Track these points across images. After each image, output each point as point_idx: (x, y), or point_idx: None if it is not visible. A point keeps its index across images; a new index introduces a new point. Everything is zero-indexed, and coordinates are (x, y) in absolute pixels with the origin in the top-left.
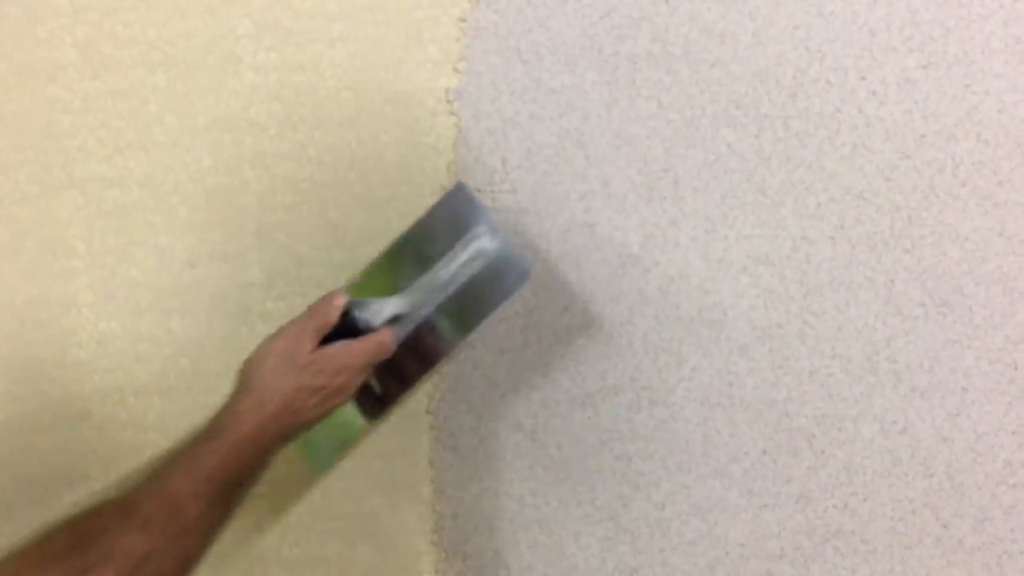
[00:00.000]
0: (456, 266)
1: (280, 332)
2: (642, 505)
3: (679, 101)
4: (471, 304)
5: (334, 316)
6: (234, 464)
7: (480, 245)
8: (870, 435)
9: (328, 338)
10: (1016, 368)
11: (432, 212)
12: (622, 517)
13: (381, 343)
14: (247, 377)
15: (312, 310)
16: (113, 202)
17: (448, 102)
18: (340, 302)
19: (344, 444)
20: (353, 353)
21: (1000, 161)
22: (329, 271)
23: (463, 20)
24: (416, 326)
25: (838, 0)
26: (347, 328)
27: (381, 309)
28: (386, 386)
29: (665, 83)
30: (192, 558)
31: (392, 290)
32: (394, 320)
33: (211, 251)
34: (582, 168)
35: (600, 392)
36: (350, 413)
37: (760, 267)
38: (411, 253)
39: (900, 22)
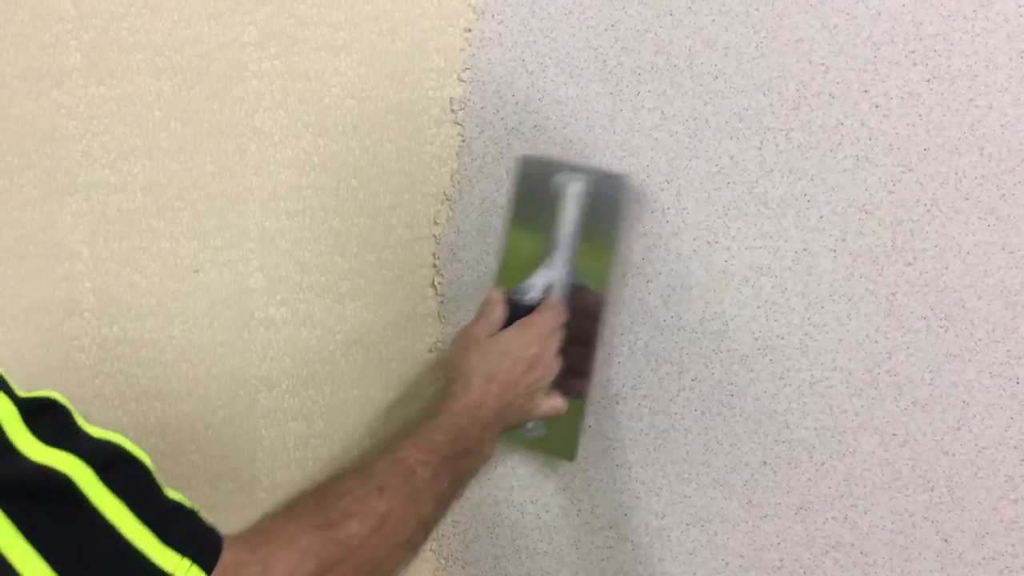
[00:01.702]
0: (566, 218)
1: (461, 334)
2: (642, 514)
3: (682, 113)
4: (597, 243)
5: (498, 308)
6: (455, 436)
7: (573, 189)
8: (870, 447)
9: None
10: (1018, 382)
11: (517, 191)
12: (622, 526)
13: (551, 307)
14: (449, 367)
15: (479, 312)
16: (117, 207)
17: (452, 111)
18: (499, 296)
19: (576, 426)
20: (534, 322)
21: (1003, 175)
22: (332, 278)
23: (468, 30)
24: (570, 288)
25: (842, 13)
26: (514, 315)
27: (533, 285)
28: (574, 360)
29: (668, 95)
30: (427, 521)
31: (529, 270)
32: (548, 291)
33: (214, 257)
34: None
35: (601, 401)
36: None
37: (762, 278)
38: (524, 231)
39: (904, 36)
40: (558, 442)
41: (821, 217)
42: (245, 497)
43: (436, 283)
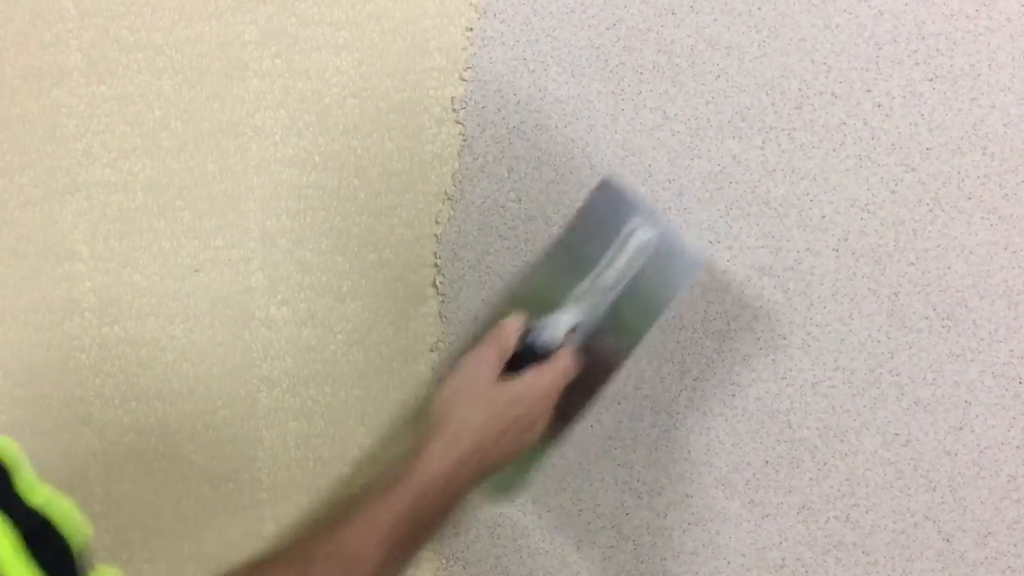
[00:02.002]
0: (620, 265)
1: (462, 365)
2: (644, 514)
3: (684, 112)
4: (640, 304)
5: (512, 342)
6: (421, 513)
7: (641, 239)
8: (873, 447)
9: (508, 363)
10: (1020, 382)
11: (584, 211)
12: (624, 525)
13: (566, 367)
14: (434, 416)
15: (490, 338)
16: (117, 207)
17: (454, 111)
18: (515, 327)
19: (529, 469)
20: (542, 381)
21: (1006, 174)
22: (333, 277)
23: (470, 29)
24: (596, 334)
25: (844, 13)
26: (526, 351)
27: (556, 326)
28: (567, 406)
29: (671, 94)
30: None
31: (558, 300)
32: (571, 334)
33: (214, 256)
34: (587, 178)
35: (602, 400)
36: None
37: (764, 278)
38: (569, 257)
39: (906, 35)
40: (504, 482)
41: (823, 217)
42: (246, 497)
43: (437, 282)
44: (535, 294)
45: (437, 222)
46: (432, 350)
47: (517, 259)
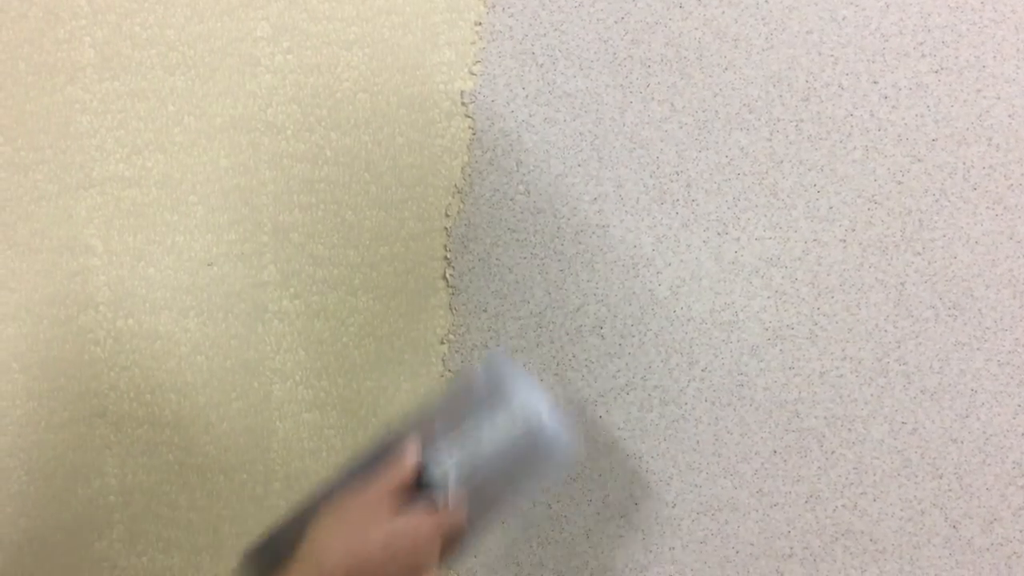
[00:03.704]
0: (510, 434)
1: (356, 495)
2: (653, 503)
3: (692, 104)
4: (506, 477)
5: (409, 475)
6: None
7: (537, 422)
8: (880, 436)
9: None
10: None
11: (474, 376)
12: (633, 515)
13: (457, 524)
14: (311, 544)
15: (389, 469)
16: (131, 201)
17: (463, 105)
18: (414, 459)
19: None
20: (430, 534)
21: (1011, 165)
22: (344, 271)
23: (479, 24)
24: (476, 486)
25: (851, 5)
26: (417, 481)
27: (449, 471)
28: (450, 546)
29: (678, 87)
30: None
31: (451, 441)
32: (459, 481)
33: (228, 250)
34: (595, 170)
35: (612, 391)
36: None
37: (771, 269)
38: (457, 407)
39: (912, 27)
40: None
41: (831, 208)
42: (260, 488)
43: (447, 275)
44: (436, 426)
45: (447, 215)
46: (442, 342)
47: (526, 251)
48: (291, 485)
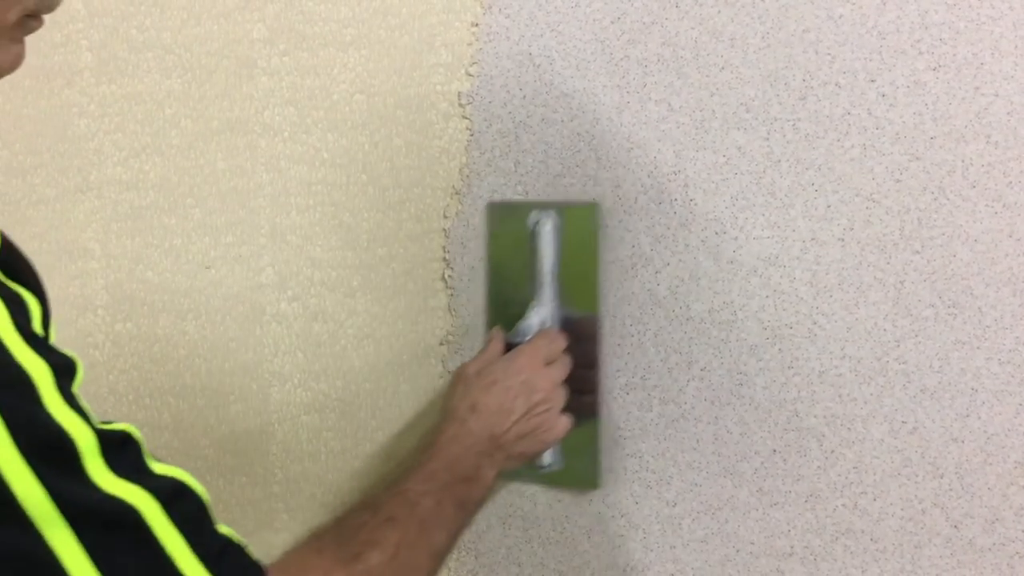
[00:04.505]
0: (546, 255)
1: (463, 369)
2: (653, 503)
3: (689, 104)
4: (580, 269)
5: (495, 344)
6: (449, 465)
7: (546, 227)
8: (880, 435)
9: None
10: None
11: (491, 238)
12: (633, 515)
13: (541, 334)
14: (441, 403)
15: (481, 352)
16: (129, 205)
17: (460, 106)
18: (498, 332)
19: (593, 451)
20: (519, 350)
21: (1010, 163)
22: (342, 273)
23: (475, 25)
24: (563, 319)
25: (847, 3)
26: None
27: (528, 326)
28: (581, 384)
29: (675, 86)
30: (438, 550)
31: (522, 312)
32: (542, 327)
33: (225, 253)
34: (593, 171)
35: (611, 391)
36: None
37: (770, 268)
38: (507, 277)
39: (910, 25)
40: (577, 471)
41: (829, 207)
42: (259, 491)
43: (446, 276)
44: (501, 320)
45: (445, 216)
46: (442, 343)
47: None
48: (290, 488)
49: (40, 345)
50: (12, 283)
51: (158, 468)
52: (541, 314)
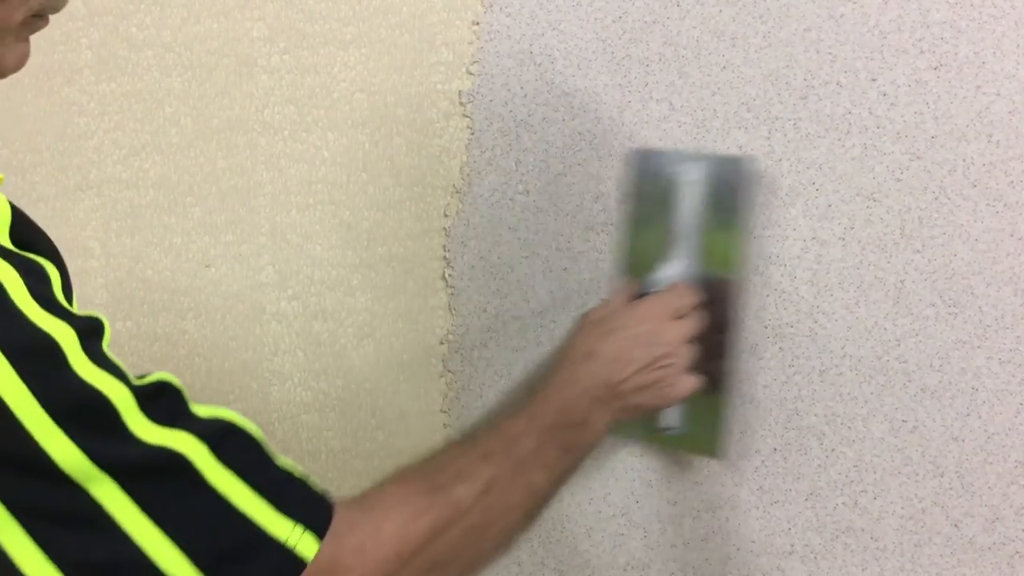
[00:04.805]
0: (688, 208)
1: (588, 314)
2: (654, 501)
3: (690, 103)
4: (725, 227)
5: (622, 293)
6: (559, 407)
7: (690, 178)
8: (880, 434)
9: None
10: None
11: (633, 186)
12: (634, 513)
13: (671, 287)
14: (559, 348)
15: (609, 298)
16: (128, 203)
17: (461, 104)
18: (627, 285)
19: (718, 418)
20: (646, 300)
21: (1011, 162)
22: (342, 271)
23: (476, 23)
24: (699, 278)
25: (849, 2)
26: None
27: (658, 279)
28: (712, 348)
29: (677, 86)
30: (537, 490)
31: (654, 265)
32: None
33: (225, 252)
34: (595, 170)
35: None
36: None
37: (771, 267)
38: (645, 228)
39: (911, 24)
40: (700, 438)
41: (829, 206)
42: None
43: (446, 275)
44: (632, 272)
45: (445, 215)
46: (442, 343)
47: (526, 251)
48: None
49: (61, 310)
50: (27, 253)
51: (203, 411)
52: (675, 268)
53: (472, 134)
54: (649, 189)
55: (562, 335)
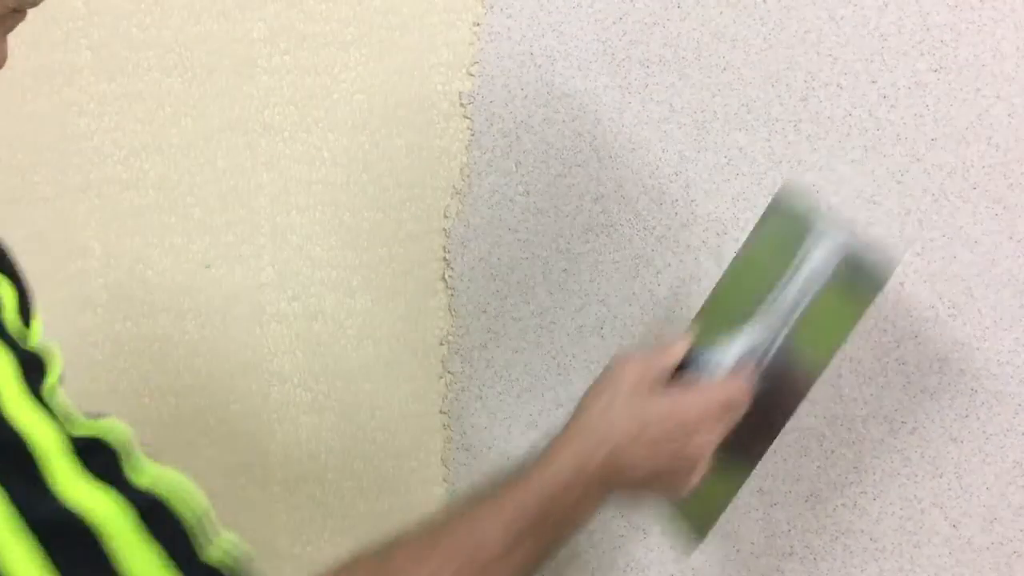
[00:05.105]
0: (798, 286)
1: (623, 365)
2: (654, 503)
3: (691, 105)
4: (834, 317)
5: (673, 353)
6: (542, 509)
7: (819, 259)
8: (879, 435)
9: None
10: None
11: (760, 227)
12: (634, 514)
13: (736, 389)
14: (581, 413)
15: (657, 349)
16: (129, 204)
17: (461, 105)
18: (684, 340)
19: (717, 508)
20: (706, 399)
21: (1010, 164)
22: (342, 272)
23: (477, 24)
24: (776, 360)
25: (849, 4)
26: (688, 374)
27: (725, 352)
28: (746, 439)
29: (677, 87)
30: None
31: (734, 324)
32: (743, 361)
33: (225, 252)
34: (595, 171)
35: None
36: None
37: None
38: (751, 272)
39: (911, 26)
40: (692, 516)
41: (829, 208)
42: (258, 491)
43: (446, 276)
44: (711, 314)
45: (446, 216)
46: (442, 343)
47: (526, 252)
48: (289, 488)
49: (6, 338)
50: None
51: (144, 479)
52: (752, 341)
53: (472, 135)
54: (775, 237)
55: (562, 335)
